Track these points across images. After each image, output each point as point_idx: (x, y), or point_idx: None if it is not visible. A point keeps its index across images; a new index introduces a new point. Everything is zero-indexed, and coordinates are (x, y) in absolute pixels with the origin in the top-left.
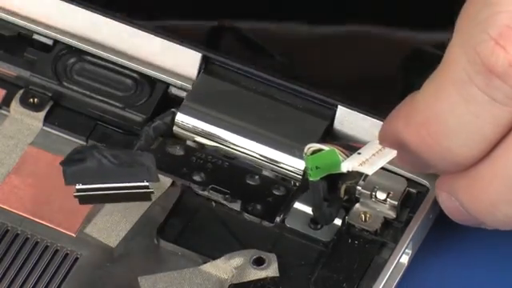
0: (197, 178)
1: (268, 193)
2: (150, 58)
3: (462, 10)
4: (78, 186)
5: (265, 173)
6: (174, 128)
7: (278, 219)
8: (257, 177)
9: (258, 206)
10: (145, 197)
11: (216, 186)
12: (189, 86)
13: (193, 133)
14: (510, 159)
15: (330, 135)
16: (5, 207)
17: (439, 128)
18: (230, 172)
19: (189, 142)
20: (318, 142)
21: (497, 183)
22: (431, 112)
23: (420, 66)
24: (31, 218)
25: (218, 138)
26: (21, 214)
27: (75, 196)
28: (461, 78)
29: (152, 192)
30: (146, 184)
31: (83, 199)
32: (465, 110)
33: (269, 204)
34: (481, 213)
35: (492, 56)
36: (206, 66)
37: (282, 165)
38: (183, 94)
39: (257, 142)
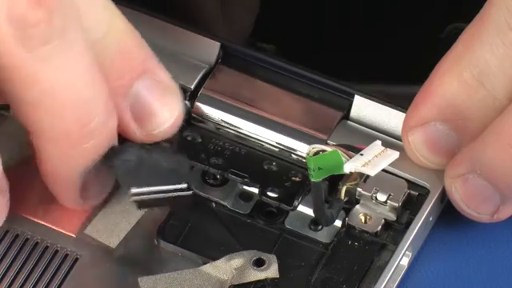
0: (215, 162)
1: (286, 178)
2: (169, 46)
3: None
4: (134, 190)
5: (282, 160)
6: (193, 115)
7: (296, 203)
8: (274, 163)
9: (277, 190)
10: (187, 200)
11: (234, 170)
12: (190, 87)
13: (210, 122)
14: None
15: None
16: None
17: (482, 70)
18: (248, 158)
19: (205, 131)
20: (334, 130)
21: None
22: (473, 55)
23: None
24: (31, 218)
25: (235, 126)
26: (21, 214)
27: (132, 201)
28: (500, 24)
29: (192, 195)
30: (185, 185)
31: (141, 204)
32: (504, 52)
33: (287, 188)
34: (509, 168)
35: None
36: (223, 55)
37: (298, 152)
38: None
39: (273, 130)
